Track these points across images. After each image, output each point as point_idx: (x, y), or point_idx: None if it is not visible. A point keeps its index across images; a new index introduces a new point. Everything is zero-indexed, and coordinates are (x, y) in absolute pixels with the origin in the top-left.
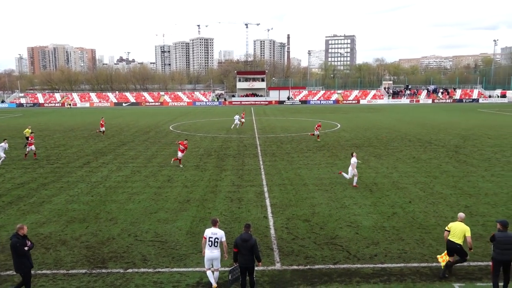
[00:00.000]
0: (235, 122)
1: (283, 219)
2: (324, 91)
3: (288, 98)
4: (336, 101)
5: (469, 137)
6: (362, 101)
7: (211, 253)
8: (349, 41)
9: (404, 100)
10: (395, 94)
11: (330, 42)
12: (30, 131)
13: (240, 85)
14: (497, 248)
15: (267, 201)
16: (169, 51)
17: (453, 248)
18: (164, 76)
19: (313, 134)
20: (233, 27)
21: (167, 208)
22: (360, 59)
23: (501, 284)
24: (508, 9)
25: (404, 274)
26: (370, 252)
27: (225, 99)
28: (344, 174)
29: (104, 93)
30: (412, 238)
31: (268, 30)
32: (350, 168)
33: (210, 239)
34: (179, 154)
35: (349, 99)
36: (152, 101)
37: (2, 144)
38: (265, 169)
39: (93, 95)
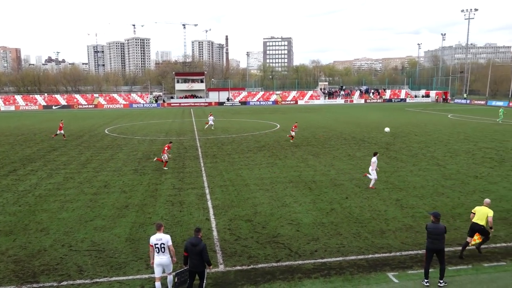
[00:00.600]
0: (210, 123)
1: (225, 220)
2: (263, 92)
3: (228, 99)
4: (275, 102)
5: (398, 134)
6: (300, 102)
7: (160, 259)
8: (286, 43)
9: (339, 100)
10: (331, 95)
11: (268, 43)
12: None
13: (179, 86)
14: (429, 237)
15: (209, 203)
16: (102, 51)
17: (476, 229)
18: (98, 77)
19: (290, 135)
20: (170, 28)
21: (104, 215)
22: (297, 60)
23: (432, 270)
24: (429, 16)
25: (343, 267)
26: (310, 248)
27: (163, 101)
28: (369, 176)
29: (31, 96)
30: (349, 232)
31: (207, 31)
32: (371, 170)
33: (156, 245)
34: (162, 156)
35: (287, 99)
36: (85, 103)
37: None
38: (206, 171)
39: (18, 97)
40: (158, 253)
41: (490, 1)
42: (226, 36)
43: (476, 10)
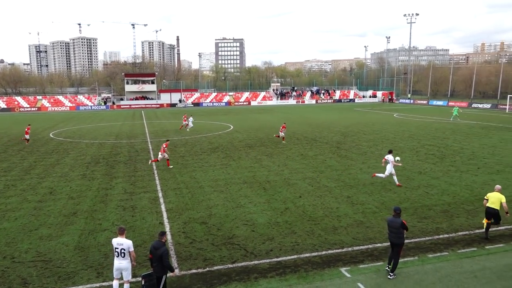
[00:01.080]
0: (190, 125)
1: (179, 224)
2: (216, 93)
3: (180, 101)
4: (228, 103)
5: (348, 133)
6: (253, 103)
7: (119, 264)
8: (238, 44)
9: (291, 101)
10: (283, 96)
11: (220, 44)
12: None
13: (129, 87)
14: (388, 230)
15: (163, 207)
16: (45, 51)
17: (491, 213)
18: (41, 79)
19: (278, 136)
20: (119, 27)
21: (50, 223)
22: (250, 61)
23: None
24: (374, 19)
25: (298, 265)
26: (266, 248)
27: (113, 103)
28: (379, 175)
29: None
30: (303, 230)
31: (157, 31)
32: (389, 166)
33: (116, 249)
34: (160, 155)
35: (240, 100)
36: (28, 106)
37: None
38: (159, 174)
39: None
40: (117, 257)
41: (430, 6)
42: (177, 37)
43: (417, 15)
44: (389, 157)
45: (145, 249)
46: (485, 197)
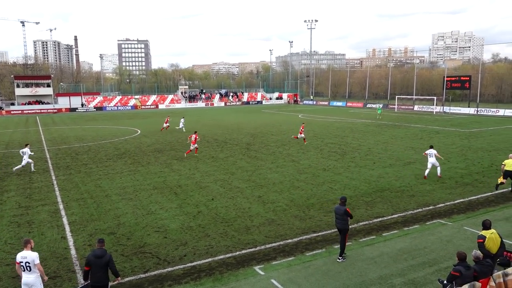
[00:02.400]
0: (180, 126)
1: (84, 237)
2: (120, 97)
3: (82, 105)
4: (134, 107)
5: (257, 135)
6: (161, 106)
7: (27, 278)
8: (143, 45)
9: (200, 104)
10: (192, 98)
11: (123, 46)
12: None
13: (20, 91)
14: (335, 217)
15: (64, 220)
16: None
17: (509, 174)
18: None
19: (297, 137)
20: (6, 25)
21: None
22: (156, 64)
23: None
24: (278, 24)
25: (212, 267)
26: (179, 254)
27: (1, 108)
28: (427, 172)
29: None
30: (217, 232)
31: (51, 30)
32: (433, 159)
33: (21, 263)
34: (192, 146)
35: (147, 104)
36: None
37: (25, 149)
38: (59, 185)
39: None
40: (24, 271)
41: (328, 14)
42: (75, 37)
43: (316, 21)
44: (431, 151)
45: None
46: (503, 163)
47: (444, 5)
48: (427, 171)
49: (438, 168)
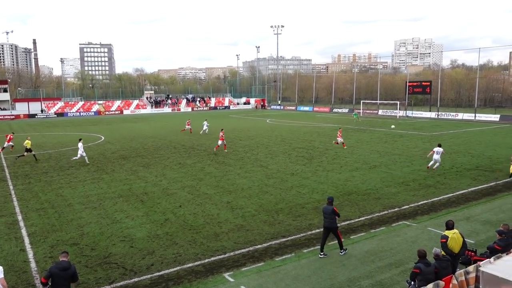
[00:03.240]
0: (204, 128)
1: (45, 248)
2: (83, 102)
3: (42, 111)
4: (98, 112)
5: (225, 140)
6: (125, 112)
7: None
8: (106, 49)
9: (167, 109)
10: (158, 104)
11: (85, 50)
12: (30, 142)
13: None
14: (323, 217)
15: (23, 231)
16: None
17: None
18: None
19: (337, 143)
20: None
21: None
22: (120, 68)
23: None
24: (245, 29)
25: (181, 276)
26: (146, 263)
27: None
28: (430, 164)
29: None
30: (185, 240)
31: (8, 33)
32: (437, 156)
33: None
34: (220, 142)
35: (111, 109)
36: None
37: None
38: (17, 194)
39: None
40: None
41: (294, 19)
42: (34, 40)
43: (282, 26)
44: (440, 149)
45: None
46: None
47: (406, 13)
48: (431, 163)
49: (437, 164)
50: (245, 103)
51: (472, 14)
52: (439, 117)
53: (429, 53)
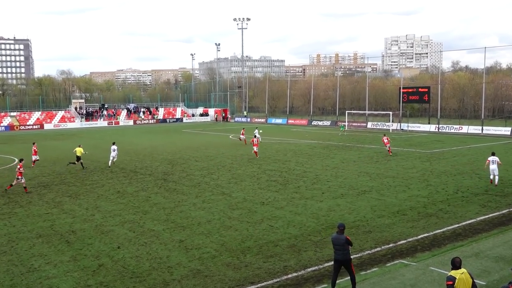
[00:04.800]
0: (256, 136)
1: None
2: None
3: None
4: (10, 127)
5: (176, 161)
6: (47, 126)
7: None
8: (22, 46)
9: (102, 123)
10: (90, 115)
11: None
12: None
13: None
14: (334, 248)
15: None
16: None
17: None
18: None
19: (390, 150)
20: None
21: None
22: (40, 71)
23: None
24: (201, 23)
25: None
26: None
27: None
28: (492, 178)
29: None
30: None
31: None
32: (495, 166)
33: None
34: (255, 148)
35: (28, 123)
36: None
37: (113, 147)
38: None
39: None
40: None
41: (262, 12)
42: None
43: (248, 19)
44: (495, 158)
45: None
46: None
47: (398, 5)
48: (491, 176)
49: (497, 177)
50: (202, 115)
51: (475, 7)
52: (440, 130)
53: (426, 53)
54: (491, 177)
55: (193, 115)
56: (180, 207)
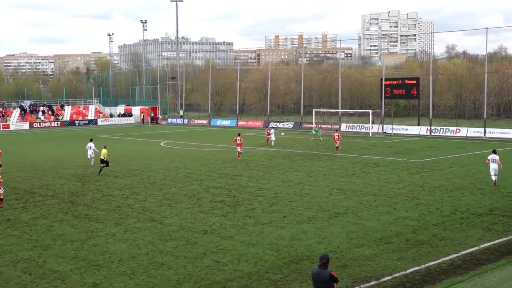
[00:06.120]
0: (272, 138)
1: None
2: None
3: None
4: None
5: (89, 178)
6: None
7: None
8: None
9: None
10: None
11: None
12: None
13: None
14: (314, 286)
15: None
16: None
17: None
18: None
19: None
20: None
21: None
22: None
23: None
24: None
25: None
26: None
27: None
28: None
29: None
30: None
31: None
32: (495, 165)
33: None
34: (238, 148)
35: None
36: None
37: (90, 144)
38: None
39: None
40: None
41: None
42: None
43: None
44: (495, 156)
45: None
46: None
47: None
48: (493, 178)
49: (494, 177)
50: (123, 115)
51: None
52: (432, 133)
53: (414, 36)
54: (493, 178)
55: (111, 116)
56: (94, 239)
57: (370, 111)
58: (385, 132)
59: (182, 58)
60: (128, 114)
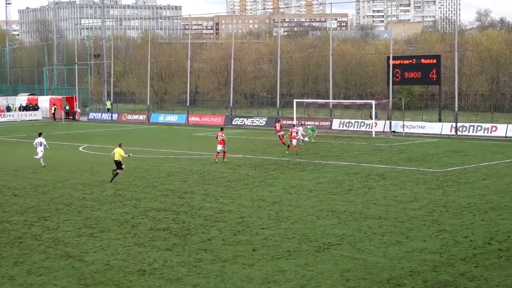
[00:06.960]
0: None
1: None
2: None
3: None
4: None
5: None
6: None
7: None
8: None
9: None
10: None
11: None
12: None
13: None
14: None
15: None
16: None
17: None
18: None
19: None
20: None
21: None
22: None
23: None
24: None
25: None
26: None
27: None
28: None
29: None
30: None
31: None
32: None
33: None
34: (219, 147)
35: None
36: None
37: (40, 139)
38: None
39: None
40: None
41: None
42: None
43: None
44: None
45: None
46: None
47: None
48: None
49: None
50: (27, 108)
51: None
52: (459, 133)
53: None
54: None
55: (8, 110)
56: None
57: (373, 102)
58: (394, 131)
59: (109, 28)
60: (33, 107)
